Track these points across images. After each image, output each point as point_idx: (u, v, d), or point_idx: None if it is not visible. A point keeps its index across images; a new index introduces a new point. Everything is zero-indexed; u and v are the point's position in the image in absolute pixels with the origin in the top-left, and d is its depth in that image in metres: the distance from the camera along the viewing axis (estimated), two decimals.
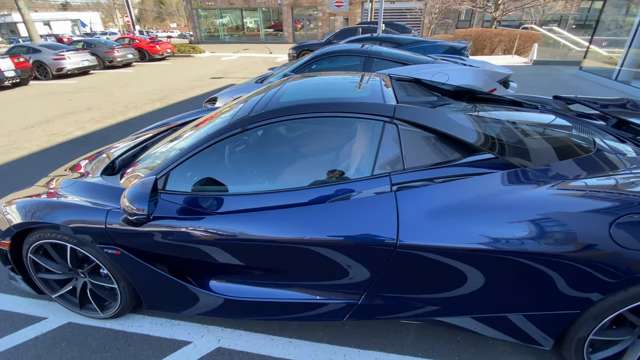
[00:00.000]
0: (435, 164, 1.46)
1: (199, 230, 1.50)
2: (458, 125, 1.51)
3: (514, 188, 1.32)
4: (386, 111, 1.51)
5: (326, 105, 1.56)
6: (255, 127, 1.57)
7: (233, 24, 31.60)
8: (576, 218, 1.21)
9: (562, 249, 1.21)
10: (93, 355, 1.73)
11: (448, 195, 1.34)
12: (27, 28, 17.78)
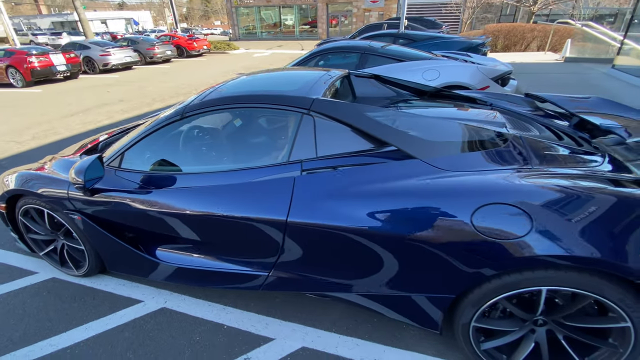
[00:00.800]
0: (344, 153, 1.58)
1: (141, 202, 1.75)
2: (369, 119, 1.60)
3: (398, 176, 1.41)
4: (304, 104, 1.65)
5: (250, 97, 1.73)
6: (193, 115, 1.78)
7: (270, 21, 32.36)
8: (442, 206, 1.28)
9: (431, 235, 1.29)
10: (64, 304, 2.06)
11: (340, 180, 1.46)
12: (82, 26, 19.57)
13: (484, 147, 1.52)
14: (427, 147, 1.49)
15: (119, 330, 1.86)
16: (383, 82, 2.62)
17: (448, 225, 1.27)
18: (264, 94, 1.74)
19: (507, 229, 1.20)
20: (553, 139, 1.78)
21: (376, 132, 1.55)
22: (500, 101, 2.37)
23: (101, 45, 13.27)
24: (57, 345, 1.79)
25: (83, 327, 1.90)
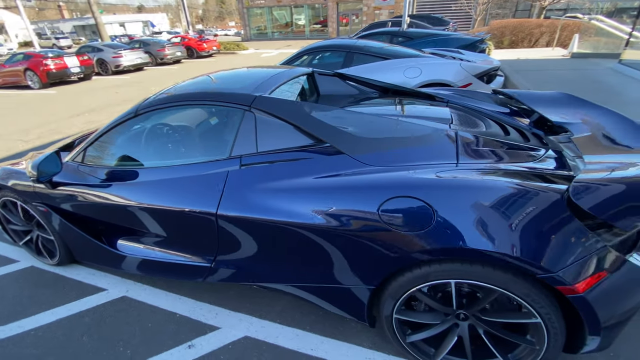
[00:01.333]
0: (283, 149, 1.63)
1: (98, 195, 1.86)
2: (307, 116, 1.65)
3: (324, 171, 1.45)
4: (246, 101, 1.71)
5: (197, 95, 1.81)
6: (145, 112, 1.87)
7: (282, 21, 32.57)
8: (356, 200, 1.32)
9: (346, 227, 1.33)
10: (37, 289, 2.21)
11: (269, 174, 1.52)
12: (99, 30, 20.25)
13: (413, 143, 1.54)
14: (356, 143, 1.52)
15: (80, 316, 1.98)
16: (348, 80, 2.65)
17: (360, 218, 1.31)
18: (209, 91, 1.82)
19: (411, 222, 1.22)
20: (499, 135, 1.77)
21: (311, 129, 1.60)
22: (462, 98, 2.36)
23: (113, 48, 13.73)
24: (23, 327, 1.92)
25: (50, 311, 2.03)
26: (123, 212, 1.84)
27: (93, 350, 1.76)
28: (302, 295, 1.65)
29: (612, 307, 1.14)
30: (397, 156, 1.46)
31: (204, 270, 1.77)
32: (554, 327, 1.19)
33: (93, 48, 13.76)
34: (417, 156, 1.46)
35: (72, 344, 1.80)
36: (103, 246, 2.00)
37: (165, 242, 1.87)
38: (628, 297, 1.17)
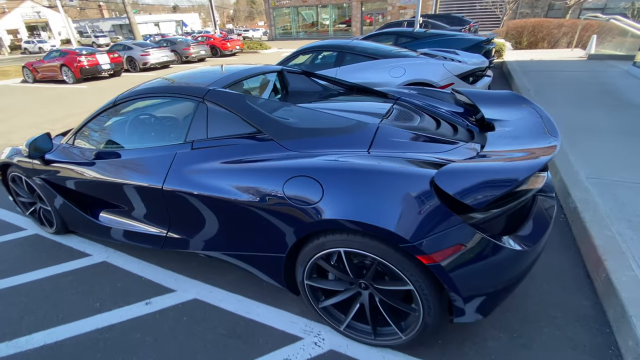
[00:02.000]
0: (229, 135, 1.88)
1: (81, 172, 2.19)
2: (250, 108, 1.87)
3: (253, 153, 1.68)
4: (200, 93, 1.97)
5: (161, 89, 2.09)
6: (122, 103, 2.19)
7: (308, 21, 32.97)
8: (270, 179, 1.54)
9: (263, 203, 1.55)
10: (36, 254, 2.59)
11: (207, 156, 1.77)
12: (132, 29, 21.49)
13: (333, 133, 1.73)
14: (285, 133, 1.74)
15: (65, 275, 2.33)
16: (314, 77, 2.85)
17: (272, 195, 1.53)
18: (170, 85, 2.10)
19: (304, 197, 1.43)
20: (427, 129, 1.92)
21: (252, 119, 1.83)
22: (415, 97, 2.51)
23: (142, 46, 14.61)
24: (20, 281, 2.29)
25: (41, 270, 2.39)
26: (101, 187, 2.16)
27: (71, 301, 2.09)
28: (235, 263, 1.88)
29: (472, 279, 1.29)
30: (314, 143, 1.67)
31: (161, 239, 2.06)
32: (425, 293, 1.35)
33: (124, 46, 14.70)
34: (333, 144, 1.66)
35: (55, 296, 2.14)
36: (87, 217, 2.34)
37: (133, 214, 2.17)
38: (493, 273, 1.31)
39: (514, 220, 1.45)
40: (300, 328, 1.80)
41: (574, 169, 2.93)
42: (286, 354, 1.66)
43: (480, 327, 1.73)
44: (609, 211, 2.33)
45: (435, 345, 1.65)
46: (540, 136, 1.67)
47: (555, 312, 1.79)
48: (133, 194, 2.03)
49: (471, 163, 1.33)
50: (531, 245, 1.35)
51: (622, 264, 1.87)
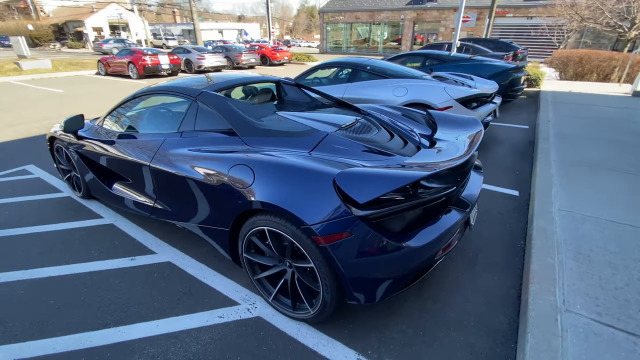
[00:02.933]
0: (211, 129, 2.28)
1: (101, 148, 2.73)
2: (228, 109, 2.26)
3: (220, 144, 2.07)
4: (194, 93, 2.41)
5: (168, 88, 2.57)
6: (140, 97, 2.71)
7: (361, 37, 33.74)
8: (223, 165, 1.90)
9: (217, 184, 1.91)
10: (64, 211, 3.19)
11: (185, 144, 2.18)
12: (196, 35, 23.61)
13: (286, 135, 2.05)
14: (248, 131, 2.10)
15: (79, 230, 2.87)
16: (306, 90, 3.20)
17: (224, 178, 1.88)
18: (175, 85, 2.57)
19: (241, 181, 1.77)
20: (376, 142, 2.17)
21: (228, 118, 2.22)
22: (390, 114, 2.77)
23: (199, 51, 16.09)
24: (44, 229, 2.88)
25: (64, 223, 2.97)
26: (113, 162, 2.68)
27: (77, 249, 2.61)
28: (199, 234, 2.24)
29: (356, 265, 1.53)
30: (268, 142, 2.01)
31: (150, 208, 2.50)
32: (322, 272, 1.61)
33: (184, 50, 16.31)
34: (283, 143, 1.99)
35: (67, 243, 2.68)
36: (103, 186, 2.88)
37: (132, 186, 2.66)
38: (375, 262, 1.53)
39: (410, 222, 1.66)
40: (241, 296, 2.12)
41: (550, 199, 2.94)
42: (221, 313, 1.98)
43: (392, 321, 1.92)
44: (562, 242, 2.37)
45: (346, 328, 1.87)
46: (458, 154, 1.87)
47: (469, 321, 1.92)
48: (133, 169, 2.51)
49: (367, 168, 1.58)
50: (414, 246, 1.55)
51: (546, 289, 1.95)
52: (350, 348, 1.76)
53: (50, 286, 2.21)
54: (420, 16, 28.69)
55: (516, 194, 3.43)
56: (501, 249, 2.56)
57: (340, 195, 1.52)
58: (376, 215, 1.52)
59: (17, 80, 12.95)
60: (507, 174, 3.91)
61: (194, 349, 1.76)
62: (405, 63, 8.04)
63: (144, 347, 1.77)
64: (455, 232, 1.80)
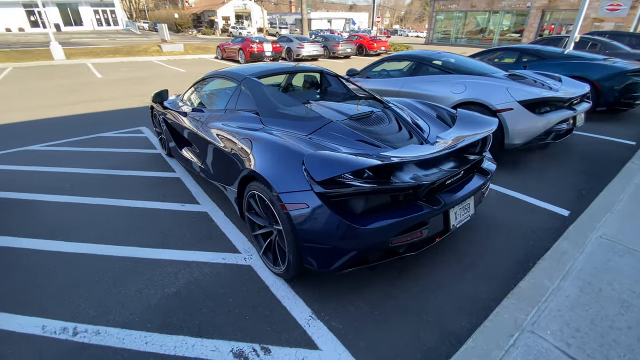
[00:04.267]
0: (247, 108, 2.75)
1: (176, 117, 3.50)
2: (260, 94, 2.67)
3: (244, 122, 2.51)
4: (239, 78, 2.91)
5: (225, 74, 3.12)
6: (206, 79, 3.36)
7: (481, 26, 30.73)
8: (239, 136, 2.32)
9: (233, 152, 2.36)
10: (150, 164, 4.17)
11: (227, 119, 2.69)
12: (302, 24, 25.08)
13: (296, 119, 2.35)
14: (267, 113, 2.48)
15: (155, 178, 3.76)
16: (345, 81, 3.40)
17: (234, 147, 2.32)
18: (229, 71, 3.10)
19: (244, 151, 2.17)
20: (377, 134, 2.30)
21: (257, 100, 2.65)
22: (413, 108, 2.80)
23: (300, 40, 17.21)
24: (131, 174, 3.85)
25: (146, 172, 3.90)
26: (183, 129, 3.42)
27: (150, 192, 3.45)
28: (224, 192, 2.77)
29: (309, 233, 1.77)
30: (278, 123, 2.36)
31: (199, 168, 3.15)
32: (287, 235, 1.90)
33: (287, 39, 17.66)
34: (288, 125, 2.31)
35: (145, 186, 3.56)
36: (176, 147, 3.68)
37: (191, 150, 3.35)
38: (325, 234, 1.73)
39: (367, 206, 1.79)
40: (244, 248, 2.57)
41: (597, 224, 2.55)
42: (225, 256, 2.46)
43: (355, 296, 2.09)
44: (577, 269, 2.11)
45: (313, 292, 2.13)
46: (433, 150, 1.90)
47: (427, 316, 1.96)
48: (191, 136, 3.18)
49: (331, 153, 1.78)
50: (360, 227, 1.69)
51: (520, 307, 1.85)
52: (308, 307, 2.03)
53: (126, 213, 3.06)
54: (553, 3, 24.45)
55: (565, 213, 3.02)
56: (506, 263, 2.40)
57: (306, 172, 1.78)
58: (333, 194, 1.73)
59: (157, 60, 16.15)
60: (568, 191, 3.42)
61: (196, 275, 2.28)
62: (501, 59, 7.29)
63: (165, 266, 2.37)
64: (418, 226, 1.86)
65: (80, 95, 8.26)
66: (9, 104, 7.32)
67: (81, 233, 2.76)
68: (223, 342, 1.81)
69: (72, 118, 6.30)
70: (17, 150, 4.61)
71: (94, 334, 1.86)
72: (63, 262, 2.43)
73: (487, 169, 2.34)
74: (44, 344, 1.80)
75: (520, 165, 4.09)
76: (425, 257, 2.44)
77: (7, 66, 13.26)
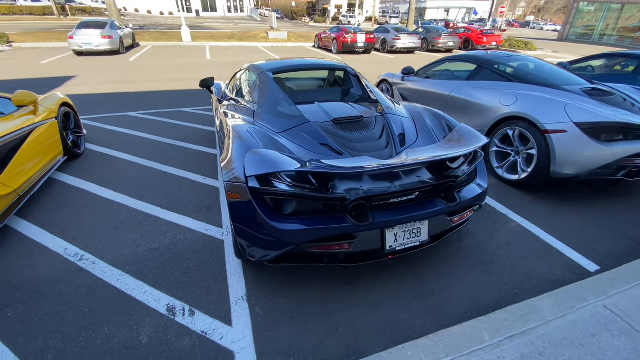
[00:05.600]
0: (252, 101, 3.00)
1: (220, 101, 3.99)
2: (267, 90, 2.87)
3: (243, 113, 2.76)
4: (258, 72, 3.16)
5: (250, 66, 3.40)
6: (241, 70, 3.71)
7: (635, 24, 24.64)
8: (240, 126, 2.58)
9: (221, 135, 2.65)
10: (212, 141, 4.84)
11: (235, 109, 2.99)
12: (408, 15, 23.99)
13: (280, 117, 2.48)
14: (262, 109, 2.68)
15: (201, 153, 4.37)
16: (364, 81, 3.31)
17: (225, 136, 2.59)
18: (254, 65, 3.38)
19: (227, 139, 2.41)
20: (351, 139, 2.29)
21: (260, 95, 2.87)
22: (419, 118, 2.64)
23: (397, 31, 16.60)
24: (196, 148, 4.54)
25: (201, 147, 4.55)
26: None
27: (187, 159, 4.07)
28: None
29: (239, 223, 1.93)
30: (264, 118, 2.54)
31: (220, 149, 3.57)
32: (231, 223, 2.10)
33: (385, 30, 17.24)
34: (270, 122, 2.48)
35: (181, 158, 4.19)
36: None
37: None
38: (251, 227, 1.88)
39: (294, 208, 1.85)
40: (227, 226, 2.87)
41: (610, 291, 2.02)
42: (208, 228, 2.82)
43: (293, 291, 2.19)
44: (540, 335, 1.76)
45: (260, 277, 2.31)
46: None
47: (345, 330, 1.94)
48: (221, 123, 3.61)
49: (269, 151, 1.87)
50: (276, 226, 1.77)
51: (431, 352, 1.68)
52: (245, 288, 2.21)
53: (159, 176, 3.70)
54: None
55: (592, 269, 2.43)
56: (467, 304, 2.12)
57: (243, 167, 1.93)
58: (262, 191, 1.85)
59: (262, 46, 17.74)
60: (614, 243, 2.70)
61: (179, 238, 2.69)
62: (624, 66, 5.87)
63: (162, 225, 2.86)
64: (342, 238, 1.84)
65: (186, 74, 9.83)
66: (135, 76, 9.22)
67: (123, 186, 3.48)
68: (166, 296, 2.15)
69: (171, 93, 7.61)
70: (119, 115, 5.90)
71: (91, 263, 2.43)
72: (102, 206, 3.15)
73: (460, 196, 2.08)
74: (59, 261, 2.44)
75: (568, 198, 3.36)
76: (384, 274, 2.35)
77: (148, 44, 16.49)
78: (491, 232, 2.82)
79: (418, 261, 2.47)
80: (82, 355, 1.77)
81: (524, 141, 3.38)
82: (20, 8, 29.02)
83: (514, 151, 3.52)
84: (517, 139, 3.42)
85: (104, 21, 13.18)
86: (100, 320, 1.98)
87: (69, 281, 2.26)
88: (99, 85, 8.08)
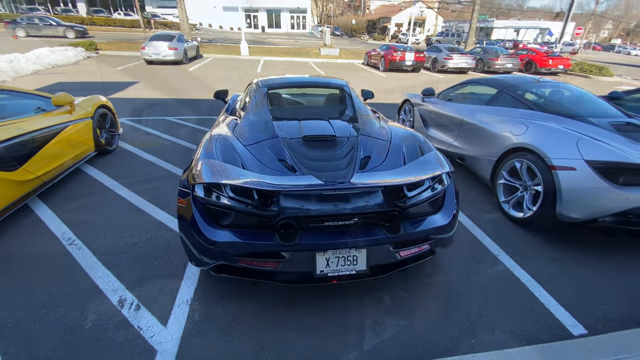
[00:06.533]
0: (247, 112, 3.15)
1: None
2: (256, 104, 3.00)
3: (230, 124, 2.90)
4: (256, 87, 3.30)
5: (261, 81, 3.56)
6: (249, 85, 3.91)
7: None
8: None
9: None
10: None
11: (226, 121, 3.15)
12: (468, 34, 23.13)
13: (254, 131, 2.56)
14: (244, 121, 2.79)
15: None
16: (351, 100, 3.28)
17: None
18: (259, 80, 3.53)
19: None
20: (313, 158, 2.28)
21: (251, 110, 3.00)
22: (396, 143, 2.53)
23: (450, 51, 16.05)
24: None
25: None
26: None
27: None
28: None
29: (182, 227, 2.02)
30: (242, 131, 2.64)
31: None
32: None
33: (437, 49, 16.78)
34: (244, 135, 2.56)
35: None
36: None
37: None
38: (190, 235, 1.94)
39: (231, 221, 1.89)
40: None
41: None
42: None
43: (237, 303, 2.21)
44: None
45: (213, 284, 2.37)
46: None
47: (270, 351, 1.90)
48: None
49: (218, 163, 1.94)
50: (207, 236, 1.82)
51: None
52: (194, 293, 2.29)
53: (168, 176, 4.01)
54: None
55: (577, 332, 2.06)
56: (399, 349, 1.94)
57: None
58: (205, 201, 1.92)
59: (312, 61, 18.35)
60: (615, 307, 2.26)
61: (156, 236, 2.88)
62: None
63: (149, 221, 3.09)
64: (270, 256, 1.82)
65: (231, 85, 10.55)
66: (186, 85, 10.15)
67: (134, 182, 3.83)
68: (123, 288, 2.32)
69: (210, 102, 8.22)
70: (158, 118, 6.52)
71: (77, 248, 2.71)
72: (108, 198, 3.50)
73: (410, 227, 1.94)
74: (54, 243, 2.76)
75: (576, 245, 2.90)
76: (333, 299, 2.26)
77: (210, 56, 18.04)
78: (470, 272, 2.56)
79: (376, 291, 2.33)
80: (34, 329, 1.97)
81: (532, 176, 3.04)
82: (114, 20, 33.76)
83: (522, 186, 3.18)
84: (525, 172, 3.08)
85: (173, 34, 14.78)
86: (62, 300, 2.19)
87: (54, 262, 2.54)
88: (153, 91, 9.04)
